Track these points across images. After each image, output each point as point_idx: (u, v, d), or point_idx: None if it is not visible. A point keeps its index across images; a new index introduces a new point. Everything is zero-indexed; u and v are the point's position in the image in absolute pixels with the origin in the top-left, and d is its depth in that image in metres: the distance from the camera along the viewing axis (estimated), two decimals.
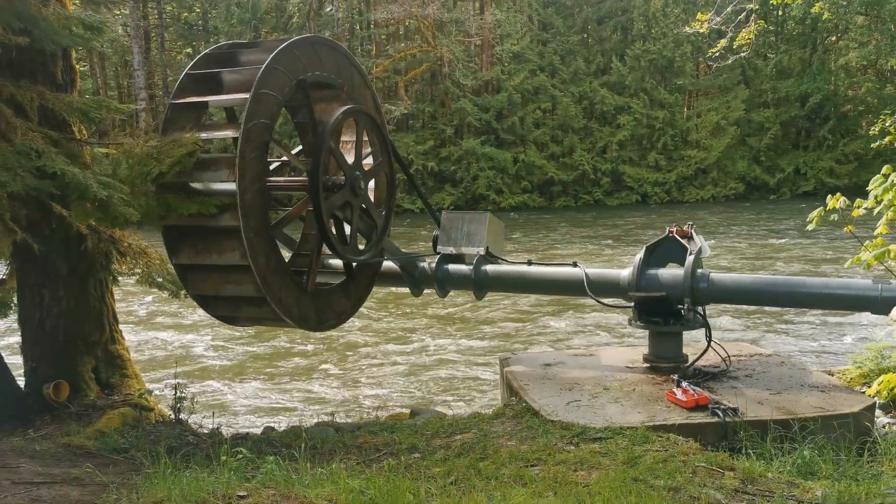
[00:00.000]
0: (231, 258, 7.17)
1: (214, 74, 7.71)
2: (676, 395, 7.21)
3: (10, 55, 7.23)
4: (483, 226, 9.00)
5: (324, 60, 7.93)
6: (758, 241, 26.65)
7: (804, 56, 45.96)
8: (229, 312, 7.98)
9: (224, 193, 7.30)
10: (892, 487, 5.33)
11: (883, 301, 7.52)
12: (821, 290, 8.18)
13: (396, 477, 4.54)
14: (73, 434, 6.78)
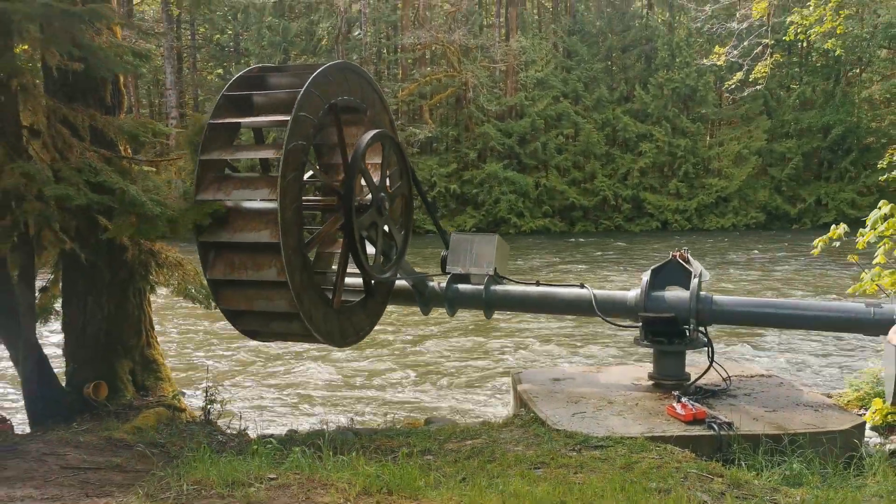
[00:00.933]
0: (268, 274, 7.45)
1: (251, 96, 8.15)
2: (676, 409, 7.67)
3: (66, 79, 7.87)
4: (492, 247, 9.42)
5: (351, 85, 8.40)
6: (772, 267, 26.92)
7: (827, 88, 46.23)
8: (257, 327, 8.27)
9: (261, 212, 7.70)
10: (869, 496, 5.74)
11: (874, 323, 8.02)
12: (817, 312, 8.67)
13: (409, 465, 5.04)
14: (112, 429, 7.32)
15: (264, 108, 8.14)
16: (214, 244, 7.76)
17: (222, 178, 7.83)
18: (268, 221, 7.43)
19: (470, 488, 4.76)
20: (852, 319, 8.34)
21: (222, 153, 7.83)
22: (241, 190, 7.63)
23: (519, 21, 46.67)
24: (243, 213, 7.73)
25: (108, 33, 8.18)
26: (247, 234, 7.50)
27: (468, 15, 47.14)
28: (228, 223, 7.63)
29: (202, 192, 7.60)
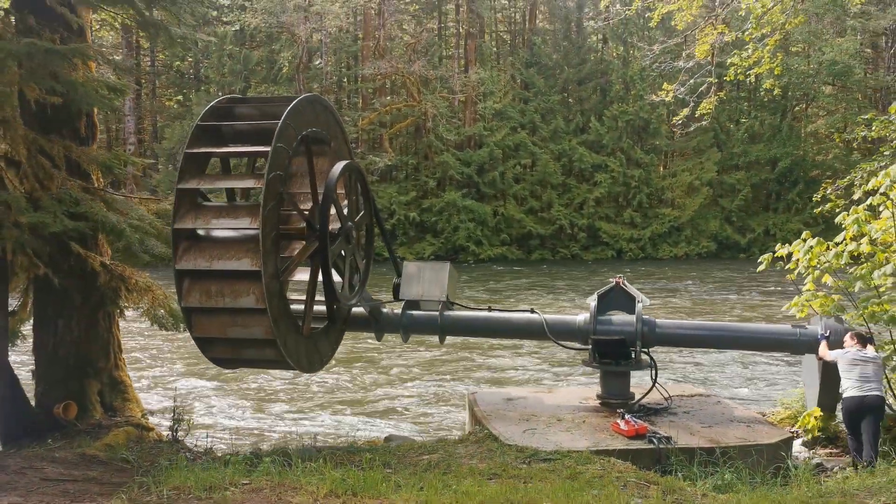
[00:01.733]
0: (246, 301, 7.53)
1: (225, 126, 8.35)
2: (620, 425, 8.22)
3: (45, 112, 8.23)
4: (445, 274, 9.72)
5: (318, 117, 8.74)
6: (717, 294, 27.82)
7: (774, 122, 47.86)
8: (229, 355, 8.31)
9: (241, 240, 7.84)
10: (790, 500, 6.32)
11: (800, 343, 8.79)
12: (749, 334, 9.47)
13: (372, 470, 5.49)
14: (85, 446, 7.64)
15: (240, 139, 8.38)
16: (190, 272, 7.79)
17: (199, 207, 7.95)
18: (247, 250, 7.55)
19: (427, 490, 5.22)
20: (781, 340, 9.12)
21: (200, 182, 8.01)
22: (221, 219, 7.75)
23: (477, 53, 47.63)
24: (219, 241, 7.86)
25: (83, 68, 8.60)
26: (226, 262, 7.58)
27: (428, 46, 48.04)
28: (205, 251, 7.73)
29: (180, 220, 7.71)
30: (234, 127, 8.35)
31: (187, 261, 7.70)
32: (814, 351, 8.88)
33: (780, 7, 14.02)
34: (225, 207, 8.11)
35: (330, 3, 40.32)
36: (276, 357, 7.89)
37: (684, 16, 16.64)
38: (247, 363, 8.95)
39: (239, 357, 8.29)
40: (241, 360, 8.59)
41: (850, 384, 8.10)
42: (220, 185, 8.49)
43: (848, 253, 9.11)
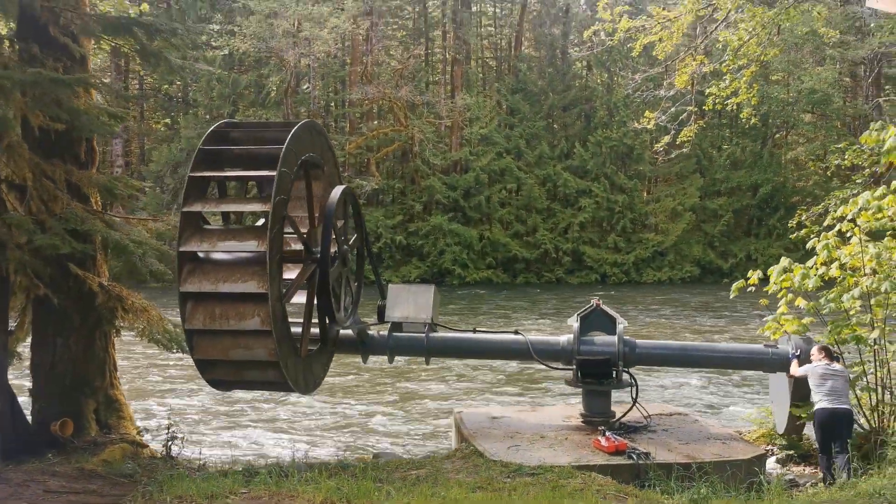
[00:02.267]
0: (250, 323, 7.61)
1: (227, 151, 8.52)
2: (601, 442, 8.55)
3: (48, 138, 8.53)
4: (429, 296, 9.92)
5: (314, 142, 9.02)
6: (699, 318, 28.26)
7: (755, 149, 48.62)
8: (228, 377, 8.39)
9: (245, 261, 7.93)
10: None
11: (772, 361, 9.25)
12: (725, 353, 9.99)
13: (365, 479, 5.77)
14: (83, 462, 7.87)
15: (243, 163, 8.54)
16: (193, 294, 7.84)
17: (203, 230, 8.08)
18: (253, 272, 7.64)
19: (417, 498, 5.52)
20: (753, 359, 9.58)
21: (205, 205, 8.15)
22: (227, 241, 7.87)
23: (464, 79, 48.23)
24: (223, 263, 7.95)
25: (85, 96, 8.93)
26: (232, 285, 7.64)
27: (415, 72, 48.66)
28: (209, 274, 7.82)
29: (185, 243, 7.81)
30: (235, 151, 8.50)
31: (192, 283, 7.76)
32: (784, 368, 9.30)
33: (755, 40, 14.56)
34: (230, 230, 8.23)
35: (318, 29, 40.84)
36: (277, 378, 7.95)
37: (665, 46, 17.13)
38: (245, 385, 9.03)
39: (239, 379, 8.35)
40: (241, 383, 8.65)
41: (820, 397, 8.51)
42: (225, 209, 8.59)
43: (818, 277, 9.53)
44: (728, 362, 10.28)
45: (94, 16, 8.66)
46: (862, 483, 7.44)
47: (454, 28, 47.88)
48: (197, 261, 7.98)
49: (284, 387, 8.31)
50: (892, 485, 7.21)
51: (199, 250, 7.87)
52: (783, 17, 14.52)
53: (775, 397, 10.10)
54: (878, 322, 9.37)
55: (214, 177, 8.45)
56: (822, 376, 8.58)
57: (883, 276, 9.23)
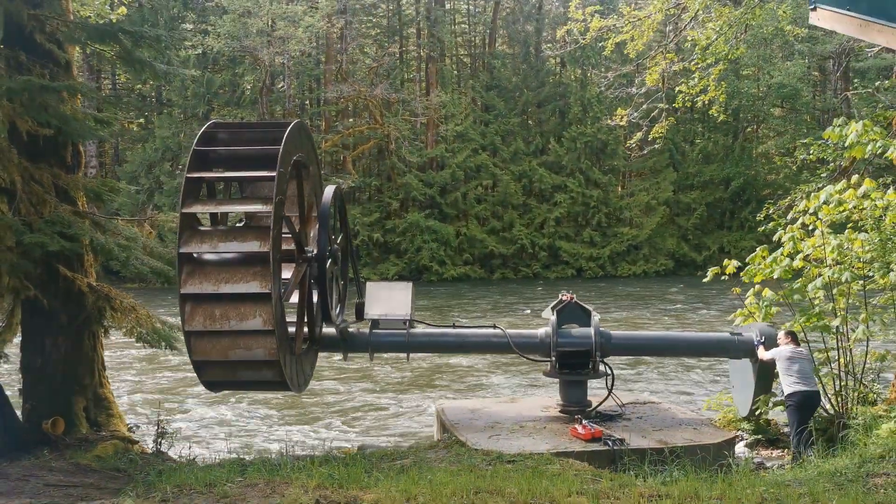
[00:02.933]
0: (252, 324, 7.60)
1: (223, 151, 8.53)
2: (578, 430, 8.91)
3: (36, 143, 8.71)
4: (407, 293, 10.11)
5: (302, 142, 9.13)
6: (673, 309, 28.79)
7: (727, 143, 49.43)
8: (224, 377, 8.34)
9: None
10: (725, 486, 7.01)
11: (737, 347, 9.81)
12: (694, 341, 10.59)
13: (355, 466, 6.07)
14: (78, 457, 8.09)
15: (239, 163, 8.53)
16: (193, 296, 7.77)
17: (203, 231, 8.09)
18: (254, 273, 7.65)
19: (404, 480, 5.82)
20: (721, 346, 10.13)
21: (205, 206, 8.18)
22: (228, 242, 7.87)
23: (438, 76, 48.50)
24: (222, 264, 7.91)
25: (71, 101, 9.12)
26: (234, 286, 7.64)
27: (390, 70, 48.87)
28: (210, 275, 7.78)
29: (185, 244, 7.78)
30: (231, 152, 8.52)
31: (192, 285, 7.73)
32: (749, 354, 9.80)
33: (723, 38, 14.99)
34: (230, 231, 8.23)
35: (293, 28, 40.93)
36: (275, 378, 8.00)
37: (636, 45, 17.52)
38: (240, 385, 9.07)
39: (235, 379, 8.34)
40: (237, 383, 8.65)
41: (792, 380, 9.04)
42: (224, 210, 8.55)
43: (784, 268, 9.99)
44: (697, 350, 10.90)
45: (80, 23, 8.85)
46: (825, 463, 7.84)
47: (428, 26, 48.13)
48: (196, 262, 7.96)
49: (280, 386, 8.33)
50: (853, 465, 7.61)
51: (199, 252, 7.87)
52: (749, 17, 14.96)
53: (736, 382, 10.67)
54: (841, 311, 9.82)
55: (212, 178, 8.46)
56: (790, 359, 9.15)
57: (844, 266, 9.67)
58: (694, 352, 11.06)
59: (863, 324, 9.67)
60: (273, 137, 8.34)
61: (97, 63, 44.89)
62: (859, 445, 8.30)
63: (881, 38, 5.54)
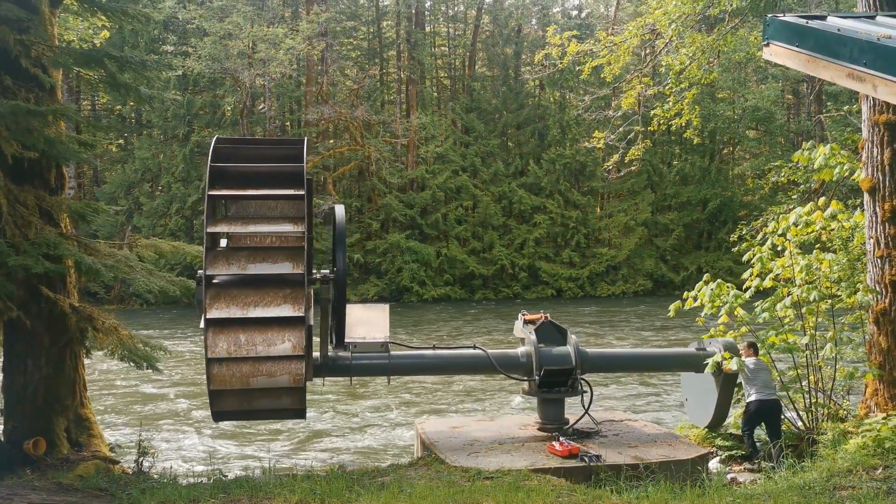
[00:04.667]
0: (281, 349, 7.26)
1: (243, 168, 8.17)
2: (555, 447, 9.07)
3: (21, 165, 8.83)
4: (385, 315, 9.94)
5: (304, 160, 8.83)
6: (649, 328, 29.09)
7: (704, 164, 50.04)
8: (238, 407, 7.90)
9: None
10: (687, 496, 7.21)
11: (700, 359, 10.29)
12: (663, 357, 11.21)
13: (337, 481, 6.19)
14: (60, 477, 8.15)
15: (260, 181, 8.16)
16: (219, 320, 7.38)
17: (229, 252, 7.78)
18: (284, 296, 7.36)
19: (385, 496, 5.96)
20: (686, 360, 10.68)
21: (231, 226, 7.89)
22: (259, 263, 7.54)
23: (419, 98, 48.92)
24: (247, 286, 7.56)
25: (56, 125, 9.26)
26: (265, 310, 7.32)
27: (370, 92, 49.22)
28: (236, 298, 7.44)
29: (211, 265, 7.46)
30: (252, 168, 8.18)
31: (219, 309, 7.36)
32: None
33: (696, 64, 15.36)
34: (258, 251, 7.87)
35: (274, 51, 41.17)
36: (294, 405, 7.68)
37: (612, 69, 17.88)
38: (251, 415, 8.72)
39: (249, 408, 7.90)
40: (248, 412, 8.24)
41: (755, 389, 9.69)
42: (251, 231, 8.25)
43: (754, 287, 10.30)
44: (665, 365, 11.50)
45: (66, 48, 9.01)
46: (794, 477, 8.06)
47: (408, 48, 48.63)
48: (218, 284, 7.62)
49: (294, 414, 8.04)
50: (821, 478, 7.83)
51: (227, 273, 7.52)
52: (721, 43, 15.37)
53: (691, 395, 11.22)
54: (810, 329, 10.09)
55: (235, 196, 8.14)
56: (753, 371, 9.76)
57: (812, 286, 9.95)
58: (662, 367, 11.61)
59: (830, 342, 9.95)
60: (289, 154, 8.12)
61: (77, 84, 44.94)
62: (828, 460, 8.52)
63: (826, 73, 5.85)
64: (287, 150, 8.38)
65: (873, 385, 10.16)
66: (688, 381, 11.25)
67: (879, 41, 5.38)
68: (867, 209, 10.22)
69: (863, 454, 8.32)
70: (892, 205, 9.80)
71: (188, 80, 45.91)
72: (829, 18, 6.43)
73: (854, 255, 10.60)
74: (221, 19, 41.58)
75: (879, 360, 9.95)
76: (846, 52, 5.47)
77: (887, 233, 9.88)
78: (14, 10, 8.73)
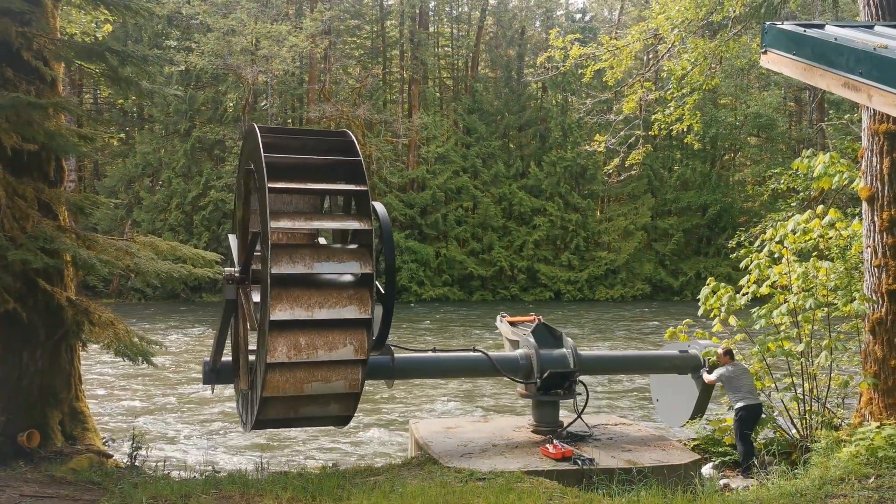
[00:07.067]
0: (344, 353, 6.88)
1: (296, 160, 7.79)
2: (549, 449, 9.07)
3: (20, 157, 8.84)
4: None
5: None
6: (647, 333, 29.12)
7: (705, 170, 50.06)
8: (283, 414, 7.45)
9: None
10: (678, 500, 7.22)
11: (685, 363, 10.67)
12: (651, 359, 11.65)
13: (329, 478, 6.20)
14: (53, 470, 8.16)
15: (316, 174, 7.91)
16: (279, 322, 6.93)
17: (291, 249, 7.38)
18: (349, 296, 7.00)
19: (377, 494, 5.97)
20: (672, 362, 10.88)
21: (294, 221, 7.50)
22: (323, 262, 7.19)
23: (421, 98, 48.94)
24: (309, 287, 7.20)
25: (56, 117, 9.27)
26: (329, 311, 6.94)
27: (372, 91, 49.20)
28: (300, 299, 7.02)
29: (276, 264, 6.97)
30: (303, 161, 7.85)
31: (282, 310, 6.91)
32: (694, 370, 10.54)
33: (698, 69, 15.38)
34: (322, 250, 7.53)
35: (277, 48, 41.19)
36: (342, 412, 7.37)
37: (615, 73, 17.89)
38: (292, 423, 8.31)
39: (294, 416, 7.49)
40: (290, 420, 7.83)
41: (741, 395, 9.78)
42: (315, 226, 7.93)
43: (751, 294, 10.32)
44: (653, 367, 11.57)
45: (67, 42, 9.02)
46: (787, 484, 8.06)
47: (412, 48, 48.67)
48: (282, 284, 7.13)
49: (339, 422, 7.73)
50: (814, 486, 7.84)
51: (293, 272, 7.05)
52: (723, 49, 15.38)
53: (661, 395, 11.54)
54: (805, 337, 10.10)
55: (295, 189, 7.82)
56: (737, 378, 9.87)
57: (809, 294, 9.97)
58: (650, 369, 11.85)
59: (825, 350, 9.96)
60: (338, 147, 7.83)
61: (79, 78, 44.91)
62: (821, 468, 8.53)
63: (822, 82, 5.86)
64: (333, 143, 8.03)
65: (868, 394, 10.18)
66: (657, 381, 11.62)
67: (876, 51, 5.39)
68: (865, 218, 10.23)
69: (856, 463, 8.33)
70: (891, 214, 9.81)
71: (191, 76, 45.88)
72: (828, 27, 6.45)
73: (851, 263, 10.61)
74: (225, 15, 41.56)
75: (874, 370, 9.97)
76: (842, 62, 5.48)
77: (885, 242, 9.89)
78: (16, 2, 8.74)
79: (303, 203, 8.98)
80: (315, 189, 7.88)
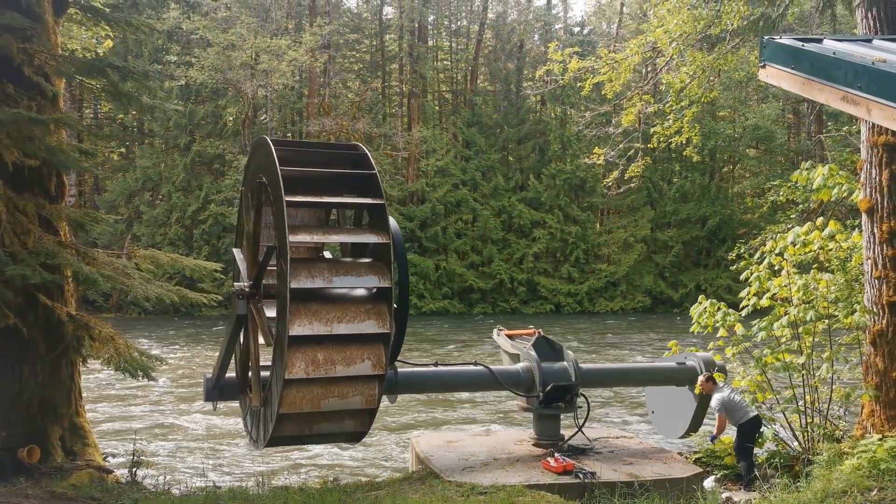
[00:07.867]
0: (361, 368, 6.83)
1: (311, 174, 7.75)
2: (550, 463, 9.06)
3: (21, 173, 8.86)
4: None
5: None
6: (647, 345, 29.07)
7: (704, 182, 50.12)
8: (298, 431, 7.38)
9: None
10: None
11: (682, 374, 10.70)
12: (649, 370, 11.69)
13: (330, 493, 6.19)
14: (53, 486, 8.14)
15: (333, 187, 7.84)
16: (297, 338, 6.85)
17: (309, 263, 7.31)
18: (367, 311, 6.91)
19: None
20: (670, 374, 10.89)
21: (311, 235, 7.50)
22: (341, 276, 7.14)
23: (420, 112, 49.07)
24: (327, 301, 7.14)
25: (57, 133, 9.30)
26: (348, 326, 6.90)
27: (372, 104, 49.36)
28: (318, 314, 6.97)
29: (295, 278, 6.89)
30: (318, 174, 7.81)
31: (301, 325, 6.85)
32: (691, 382, 10.52)
33: (697, 82, 15.43)
34: (341, 264, 7.48)
35: (276, 62, 41.33)
36: (357, 428, 7.28)
37: (613, 86, 17.94)
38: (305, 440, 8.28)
39: (308, 433, 7.40)
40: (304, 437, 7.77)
41: (741, 414, 9.84)
42: (332, 240, 7.93)
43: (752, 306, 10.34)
44: (651, 378, 11.56)
45: (69, 58, 9.06)
46: (789, 497, 8.04)
47: (411, 62, 48.83)
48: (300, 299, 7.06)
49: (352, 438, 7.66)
50: (816, 499, 7.82)
51: (312, 286, 7.01)
52: (722, 62, 15.43)
53: (656, 407, 11.60)
54: (807, 349, 10.09)
55: (312, 203, 7.74)
56: (731, 400, 9.91)
57: (809, 306, 9.96)
58: (649, 381, 11.83)
59: (826, 362, 9.95)
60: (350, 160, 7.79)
61: (79, 93, 45.01)
62: (823, 480, 8.50)
63: (821, 96, 5.88)
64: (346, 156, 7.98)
65: (869, 406, 10.15)
66: (653, 394, 11.66)
67: (874, 65, 5.41)
68: (865, 230, 10.24)
69: (858, 475, 8.30)
70: (890, 226, 9.82)
71: (190, 90, 45.99)
72: (826, 41, 6.47)
73: (852, 275, 10.61)
74: (225, 30, 41.75)
75: (876, 382, 9.95)
76: (841, 76, 5.51)
77: (885, 254, 9.89)
78: (18, 18, 8.79)
79: (308, 216, 8.94)
80: (332, 203, 7.80)
